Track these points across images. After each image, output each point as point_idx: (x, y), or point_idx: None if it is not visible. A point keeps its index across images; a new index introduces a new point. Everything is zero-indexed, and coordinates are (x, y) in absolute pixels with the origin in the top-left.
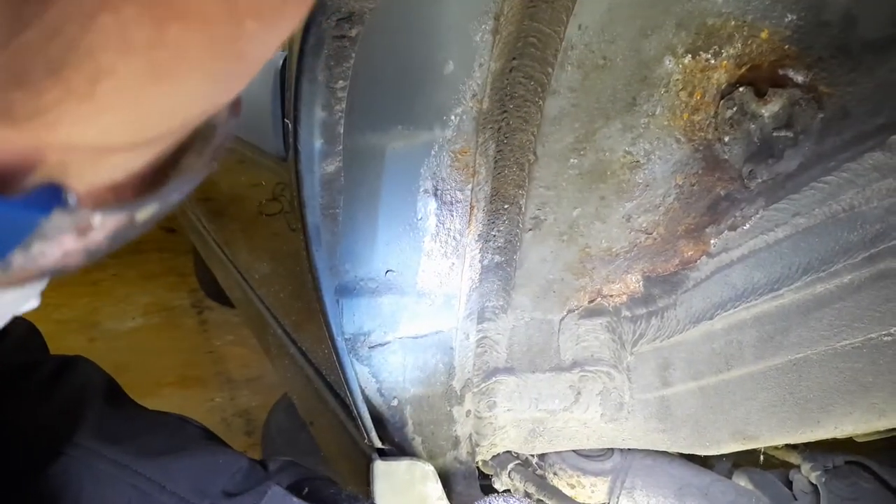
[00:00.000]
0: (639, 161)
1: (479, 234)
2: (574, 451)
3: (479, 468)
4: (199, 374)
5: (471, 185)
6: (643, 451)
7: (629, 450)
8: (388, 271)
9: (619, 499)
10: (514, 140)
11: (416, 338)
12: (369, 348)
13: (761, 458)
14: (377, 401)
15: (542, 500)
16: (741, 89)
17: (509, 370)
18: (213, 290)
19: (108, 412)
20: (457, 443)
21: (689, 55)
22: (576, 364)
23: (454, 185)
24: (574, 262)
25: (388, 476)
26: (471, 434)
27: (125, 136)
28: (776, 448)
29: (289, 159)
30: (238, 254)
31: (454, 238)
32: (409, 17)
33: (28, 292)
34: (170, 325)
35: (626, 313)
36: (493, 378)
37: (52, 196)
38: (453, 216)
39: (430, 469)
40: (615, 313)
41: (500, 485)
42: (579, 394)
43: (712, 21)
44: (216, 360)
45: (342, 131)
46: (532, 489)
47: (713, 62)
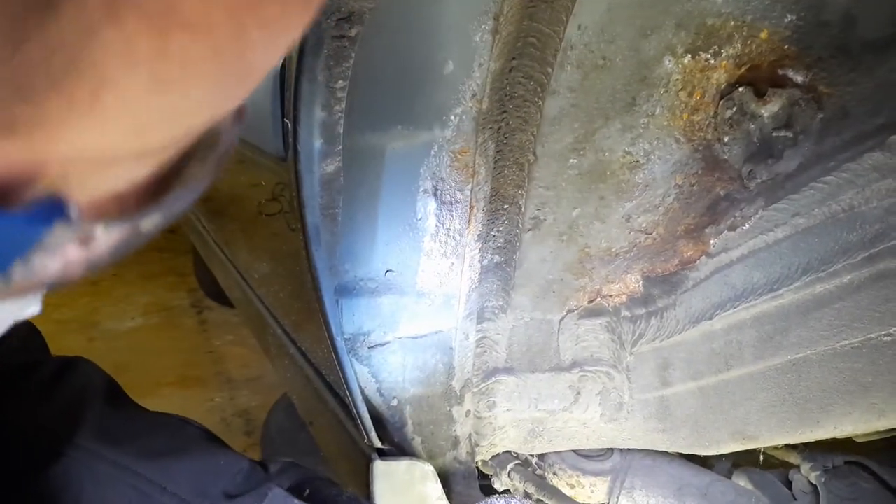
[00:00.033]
0: (638, 161)
1: (478, 234)
2: (573, 451)
3: (478, 468)
4: (198, 374)
5: (470, 185)
6: (643, 451)
7: (629, 450)
8: (387, 271)
9: (618, 499)
10: (514, 140)
11: (416, 338)
12: (369, 348)
13: (761, 458)
14: (377, 401)
15: (541, 500)
16: (741, 89)
17: (509, 370)
18: (212, 290)
19: (109, 413)
20: (456, 443)
21: (689, 55)
22: (575, 364)
23: (454, 185)
24: (573, 263)
25: (388, 476)
26: (470, 434)
27: (128, 147)
28: (776, 448)
29: (288, 159)
30: (238, 254)
31: (454, 238)
32: (409, 17)
33: (29, 300)
34: (169, 324)
35: (625, 313)
36: (493, 378)
37: (54, 209)
38: (453, 216)
39: (429, 469)
40: (615, 313)
41: (499, 485)
42: (579, 394)
43: (712, 21)
44: (216, 360)
45: (342, 131)
46: (532, 489)
47: (713, 62)
